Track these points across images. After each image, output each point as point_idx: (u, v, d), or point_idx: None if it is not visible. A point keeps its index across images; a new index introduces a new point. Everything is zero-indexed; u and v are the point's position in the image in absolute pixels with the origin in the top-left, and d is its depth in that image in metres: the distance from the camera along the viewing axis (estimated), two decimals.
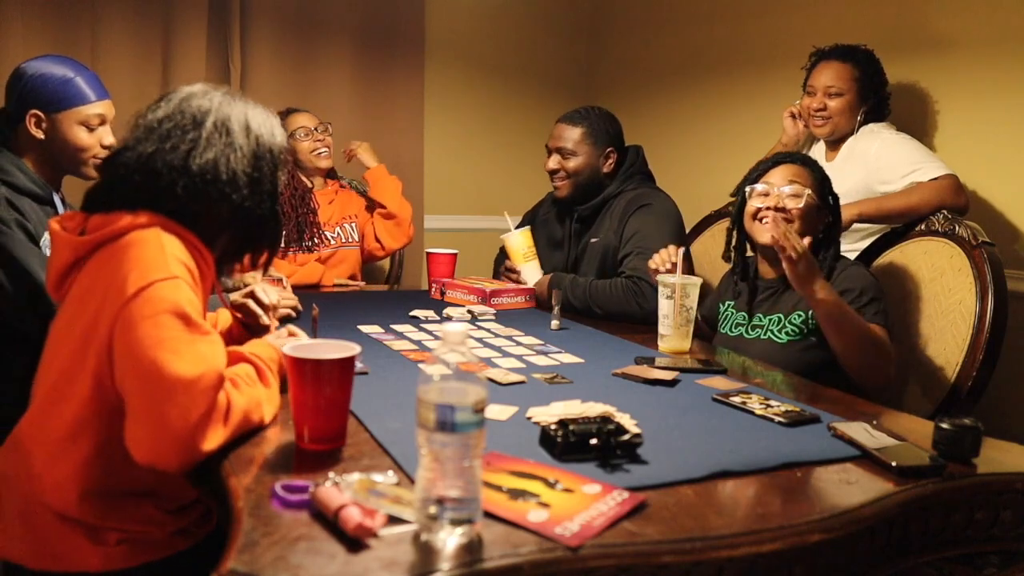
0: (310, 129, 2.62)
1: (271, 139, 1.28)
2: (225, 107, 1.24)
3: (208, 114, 1.22)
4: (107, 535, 1.16)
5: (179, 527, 1.23)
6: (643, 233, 2.16)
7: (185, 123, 1.20)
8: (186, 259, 1.15)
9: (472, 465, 0.83)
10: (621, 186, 2.30)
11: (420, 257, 2.73)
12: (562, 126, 2.32)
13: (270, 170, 1.28)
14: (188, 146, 1.19)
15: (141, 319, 1.06)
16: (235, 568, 0.77)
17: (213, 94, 1.26)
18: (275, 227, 1.31)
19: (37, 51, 2.71)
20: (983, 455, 1.14)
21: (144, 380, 1.05)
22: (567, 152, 2.29)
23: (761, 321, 1.84)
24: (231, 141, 1.22)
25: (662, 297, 1.77)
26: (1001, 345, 1.77)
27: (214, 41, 3.05)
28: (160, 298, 1.08)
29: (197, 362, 1.06)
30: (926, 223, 2.00)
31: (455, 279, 2.35)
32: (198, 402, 1.05)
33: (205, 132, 1.20)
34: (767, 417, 1.28)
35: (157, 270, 1.10)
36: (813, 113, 2.33)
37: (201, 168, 1.19)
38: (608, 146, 2.31)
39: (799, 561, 0.91)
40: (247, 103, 1.28)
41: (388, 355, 1.63)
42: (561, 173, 2.31)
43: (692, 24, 3.34)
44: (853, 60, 2.28)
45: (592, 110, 2.35)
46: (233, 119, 1.23)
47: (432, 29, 3.51)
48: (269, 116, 1.30)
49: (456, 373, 0.85)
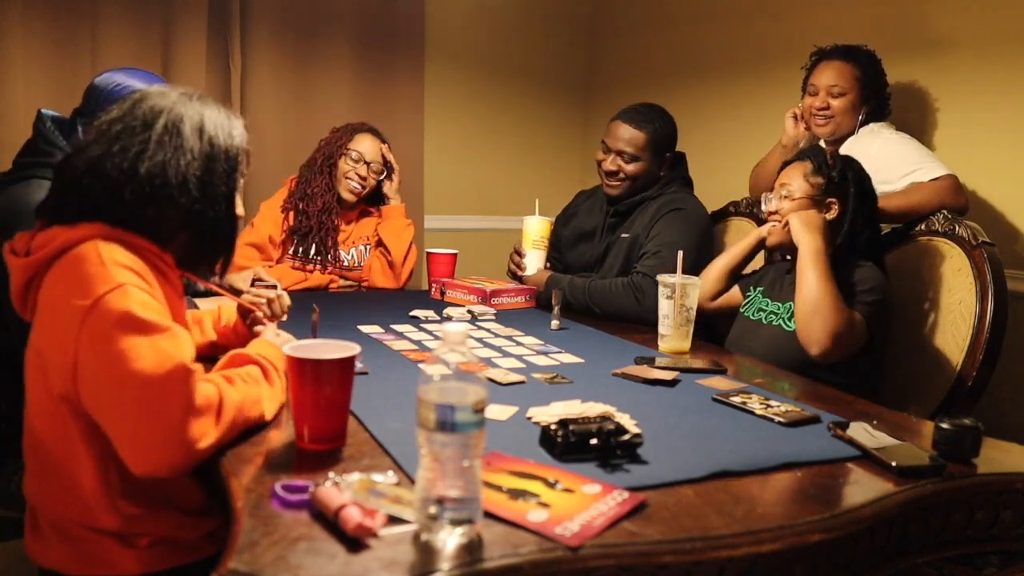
0: (363, 159, 2.51)
1: (228, 140, 1.23)
2: (179, 108, 1.20)
3: (160, 115, 1.18)
4: (138, 540, 1.15)
5: (207, 530, 1.22)
6: (666, 235, 2.17)
7: (135, 125, 1.17)
8: (131, 262, 1.11)
9: (472, 465, 0.83)
10: (661, 189, 2.29)
11: (420, 257, 2.72)
12: (626, 127, 2.24)
13: (224, 172, 1.22)
14: (137, 148, 1.15)
15: (97, 340, 1.04)
16: (235, 568, 0.77)
17: (169, 94, 1.21)
18: (230, 229, 1.26)
19: (37, 51, 2.73)
20: (983, 455, 1.14)
21: (117, 395, 1.04)
22: (629, 156, 2.23)
23: (775, 307, 1.87)
24: (181, 143, 1.17)
25: (662, 297, 1.78)
26: (1001, 345, 1.77)
27: (214, 41, 3.05)
28: (108, 311, 1.05)
29: (161, 360, 1.04)
30: (926, 223, 2.00)
31: (455, 279, 2.36)
32: (174, 398, 1.03)
33: (155, 134, 1.16)
34: (767, 417, 1.29)
35: (99, 284, 1.06)
36: (815, 112, 2.32)
37: (149, 172, 1.15)
38: (668, 151, 2.29)
39: (799, 561, 0.91)
40: (206, 103, 1.23)
41: (388, 355, 1.63)
42: (620, 175, 2.26)
43: (692, 24, 3.34)
44: (855, 60, 2.28)
45: (655, 111, 2.29)
46: (186, 120, 1.19)
47: (432, 29, 3.51)
48: (229, 117, 1.25)
49: (456, 373, 0.85)
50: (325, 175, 2.50)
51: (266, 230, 2.46)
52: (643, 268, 2.14)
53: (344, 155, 2.51)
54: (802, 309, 1.67)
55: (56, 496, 1.15)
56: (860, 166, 1.86)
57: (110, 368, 1.04)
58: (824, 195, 1.81)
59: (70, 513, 1.15)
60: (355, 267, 2.58)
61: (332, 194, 2.51)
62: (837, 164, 1.83)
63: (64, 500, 1.15)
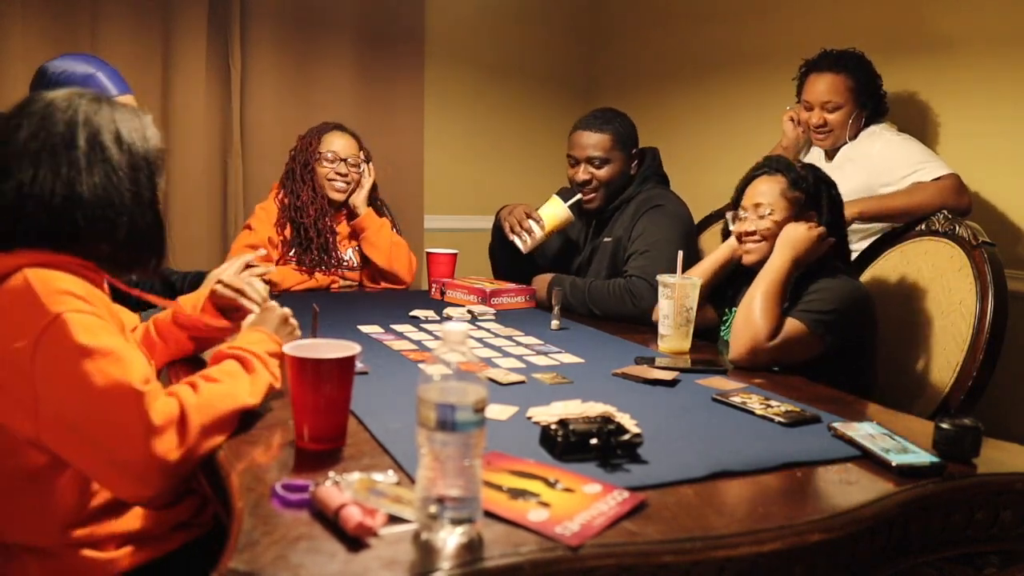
0: (338, 157, 2.48)
1: (144, 144, 1.19)
2: (93, 118, 1.14)
3: (76, 129, 1.12)
4: (106, 545, 1.15)
5: (176, 521, 1.23)
6: (650, 233, 2.15)
7: (55, 143, 1.11)
8: (67, 285, 1.08)
9: (472, 465, 0.83)
10: (638, 188, 2.28)
11: (420, 257, 2.72)
12: (587, 134, 2.24)
13: (147, 178, 1.18)
14: (68, 171, 1.10)
15: (47, 381, 1.02)
16: (235, 567, 0.77)
17: (73, 101, 1.15)
18: (159, 233, 1.22)
19: (37, 50, 2.73)
20: (983, 455, 1.14)
21: (77, 429, 1.03)
22: (599, 160, 2.22)
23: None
24: (108, 158, 1.13)
25: (662, 297, 1.77)
26: (1001, 345, 1.77)
27: (214, 41, 3.05)
28: (51, 346, 1.02)
29: (110, 386, 1.02)
30: (926, 223, 2.00)
31: (455, 279, 2.35)
32: (128, 423, 1.02)
33: (80, 153, 1.11)
34: (767, 417, 1.28)
35: (35, 320, 1.03)
36: (814, 131, 2.32)
37: (92, 195, 1.11)
38: (633, 148, 2.28)
39: (799, 561, 0.91)
40: (113, 107, 1.18)
41: (388, 355, 1.63)
42: (594, 183, 2.24)
43: (692, 24, 3.34)
44: (845, 70, 2.26)
45: (609, 112, 2.30)
46: (104, 131, 1.14)
47: (432, 29, 3.51)
48: (137, 117, 1.20)
49: (456, 373, 0.84)
50: (308, 184, 2.47)
51: (264, 232, 2.45)
52: (634, 270, 2.12)
53: (319, 159, 2.49)
54: (740, 317, 1.65)
55: (26, 520, 1.14)
56: (824, 173, 1.82)
57: (64, 404, 1.03)
58: (803, 209, 1.75)
59: (42, 530, 1.14)
60: (355, 267, 2.57)
61: (321, 198, 2.48)
62: (809, 176, 1.77)
63: (35, 521, 1.13)
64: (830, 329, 1.63)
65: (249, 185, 3.15)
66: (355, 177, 2.52)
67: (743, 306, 1.67)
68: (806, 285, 1.71)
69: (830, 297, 1.66)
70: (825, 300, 1.66)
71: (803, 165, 1.82)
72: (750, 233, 1.78)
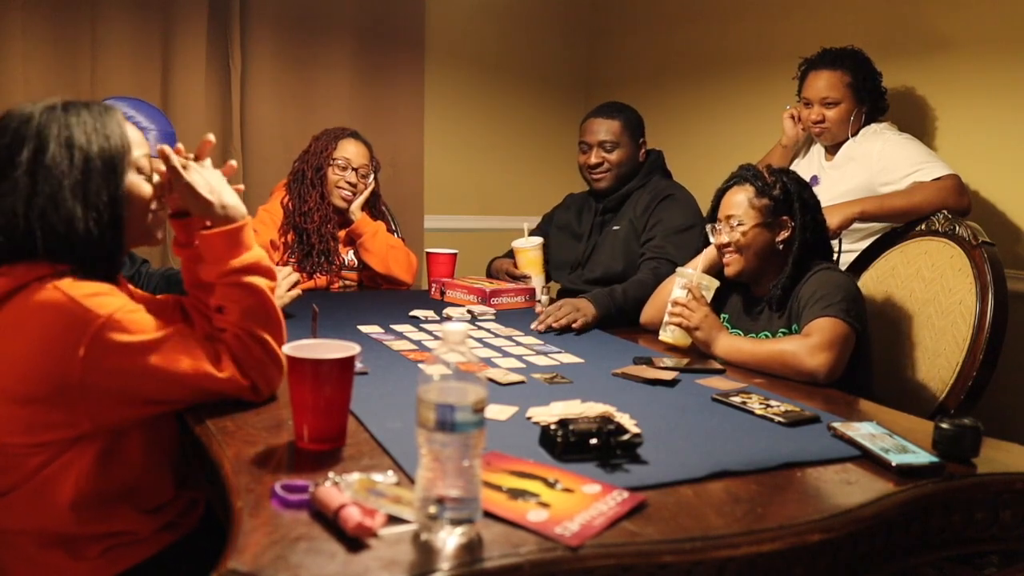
0: (350, 165, 2.48)
1: (103, 143, 1.16)
2: (44, 131, 1.13)
3: (24, 143, 1.12)
4: (88, 548, 1.15)
5: (164, 522, 1.22)
6: (668, 221, 2.24)
7: (14, 156, 1.11)
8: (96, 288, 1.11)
9: (472, 465, 0.83)
10: (645, 178, 2.37)
11: (420, 257, 2.72)
12: (599, 120, 2.37)
13: (102, 179, 1.15)
14: (14, 188, 1.10)
15: (115, 375, 1.09)
16: (235, 568, 0.77)
17: (34, 115, 1.14)
18: (116, 230, 1.18)
19: (37, 50, 2.73)
20: (983, 455, 1.14)
21: (178, 388, 1.16)
22: (610, 144, 2.33)
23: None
24: (50, 170, 1.11)
25: (677, 287, 1.78)
26: (1001, 345, 1.77)
27: (214, 41, 3.05)
28: (104, 348, 1.07)
29: (179, 365, 1.14)
30: (926, 223, 2.00)
31: (455, 279, 2.36)
32: (209, 384, 1.17)
33: (22, 171, 1.11)
34: (767, 417, 1.28)
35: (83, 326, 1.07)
36: (813, 125, 2.33)
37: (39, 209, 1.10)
38: (641, 137, 2.39)
39: (799, 561, 0.91)
40: (70, 112, 1.15)
41: (388, 355, 1.63)
42: (605, 166, 2.35)
43: (693, 24, 3.34)
44: (843, 66, 2.27)
45: (618, 104, 2.42)
46: (50, 142, 1.12)
47: (432, 29, 3.51)
48: (101, 115, 1.18)
49: (456, 373, 0.84)
50: (317, 188, 2.46)
51: (267, 235, 2.44)
52: (654, 251, 2.19)
53: (331, 164, 2.48)
54: (782, 375, 1.61)
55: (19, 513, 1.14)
56: (795, 174, 1.81)
57: (153, 384, 1.14)
58: (774, 215, 1.75)
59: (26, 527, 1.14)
60: (355, 267, 2.57)
61: (327, 205, 2.48)
62: (777, 181, 1.77)
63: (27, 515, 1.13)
64: (849, 312, 1.61)
65: (249, 185, 3.14)
66: (362, 188, 2.53)
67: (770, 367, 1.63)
68: (797, 291, 1.71)
69: (832, 289, 1.66)
70: (830, 293, 1.65)
71: (773, 171, 1.81)
72: (726, 245, 1.79)
